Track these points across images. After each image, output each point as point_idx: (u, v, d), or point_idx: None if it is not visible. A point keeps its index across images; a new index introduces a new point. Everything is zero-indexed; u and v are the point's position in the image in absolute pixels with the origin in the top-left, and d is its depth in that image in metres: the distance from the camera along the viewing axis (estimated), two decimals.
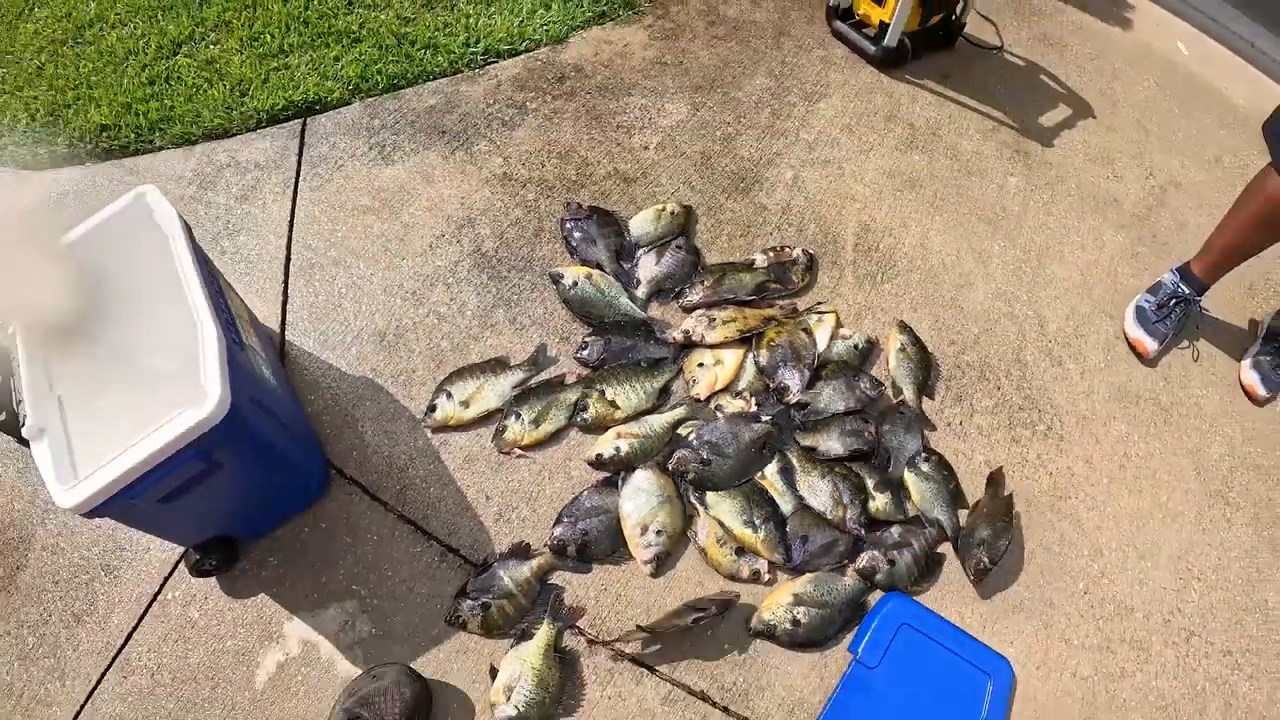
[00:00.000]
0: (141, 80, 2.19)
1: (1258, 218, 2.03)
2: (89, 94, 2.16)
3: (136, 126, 2.13)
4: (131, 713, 1.57)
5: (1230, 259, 2.18)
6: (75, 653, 1.62)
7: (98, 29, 2.29)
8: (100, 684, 1.59)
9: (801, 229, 2.26)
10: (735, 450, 1.84)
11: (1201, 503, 2.08)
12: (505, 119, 2.29)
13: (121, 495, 1.27)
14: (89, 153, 2.11)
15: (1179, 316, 2.25)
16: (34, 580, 1.67)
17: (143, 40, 2.28)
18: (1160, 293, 2.26)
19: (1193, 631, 1.92)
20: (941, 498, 1.91)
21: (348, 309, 1.96)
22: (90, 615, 1.65)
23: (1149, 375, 2.24)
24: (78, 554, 1.70)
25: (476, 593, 1.67)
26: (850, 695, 1.69)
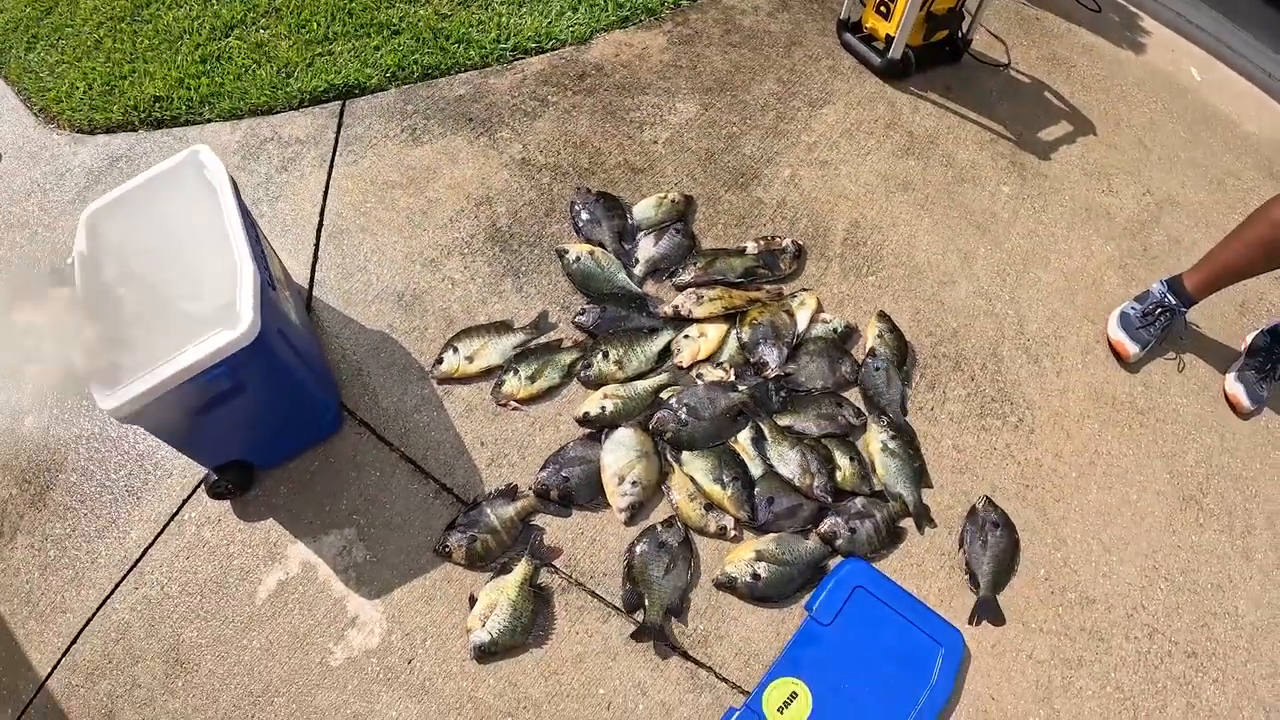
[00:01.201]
0: (194, 58, 2.41)
1: (1262, 241, 2.09)
2: (144, 68, 2.38)
3: (188, 99, 2.34)
4: (138, 621, 1.73)
5: (1226, 278, 2.24)
6: (93, 565, 1.78)
7: (154, 8, 2.51)
8: (113, 593, 1.75)
9: (794, 222, 2.41)
10: (711, 414, 1.99)
11: (1173, 506, 2.14)
12: (528, 110, 2.47)
13: (155, 404, 1.43)
14: (142, 121, 2.31)
15: (1163, 325, 2.31)
16: (62, 499, 1.84)
17: (197, 21, 2.49)
18: (1147, 301, 2.34)
19: (1156, 629, 1.97)
20: (905, 474, 2.03)
21: (371, 271, 2.15)
22: (111, 531, 1.81)
23: (1127, 380, 2.32)
24: (105, 477, 1.87)
25: (464, 527, 1.83)
26: (802, 649, 1.81)
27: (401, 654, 1.74)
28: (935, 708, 1.79)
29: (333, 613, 1.77)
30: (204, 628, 1.73)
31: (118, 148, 2.28)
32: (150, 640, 1.71)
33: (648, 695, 1.75)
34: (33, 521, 1.82)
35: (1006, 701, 1.84)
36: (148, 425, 1.54)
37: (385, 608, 1.78)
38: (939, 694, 1.80)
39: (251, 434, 1.79)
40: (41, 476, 1.86)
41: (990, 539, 1.99)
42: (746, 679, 1.79)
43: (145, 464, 1.90)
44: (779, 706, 1.74)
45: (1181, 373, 2.35)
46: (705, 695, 1.76)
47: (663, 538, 1.86)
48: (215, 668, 1.70)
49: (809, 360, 2.14)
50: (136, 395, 1.41)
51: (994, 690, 1.85)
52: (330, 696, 1.69)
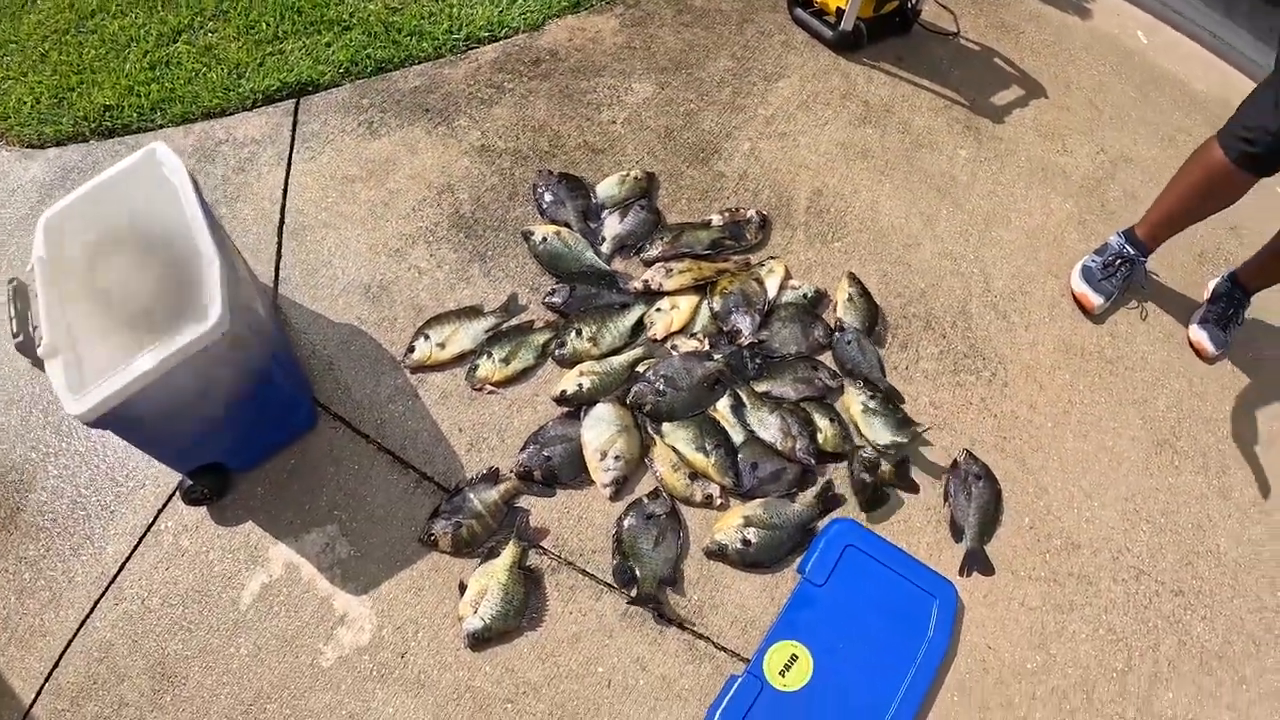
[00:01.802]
0: (143, 65, 2.35)
1: (1197, 186, 2.12)
2: (92, 78, 2.32)
3: (138, 107, 2.28)
4: (121, 638, 1.66)
5: (1172, 224, 2.28)
6: (70, 584, 1.72)
7: (99, 19, 2.45)
8: (93, 612, 1.69)
9: (756, 193, 2.40)
10: (688, 384, 1.97)
11: (1149, 450, 2.18)
12: (484, 98, 2.45)
13: (125, 405, 1.38)
14: (93, 131, 2.26)
15: (1124, 275, 2.35)
16: (33, 519, 1.78)
17: (143, 29, 2.44)
18: (1106, 253, 2.37)
19: (1142, 570, 2.01)
20: (890, 425, 2.03)
21: (335, 265, 2.11)
22: (86, 548, 1.75)
23: (1095, 331, 2.35)
24: (77, 493, 1.81)
25: (448, 514, 1.79)
26: (798, 611, 1.80)
27: (394, 648, 1.70)
28: (935, 660, 1.80)
29: (320, 612, 1.73)
30: (189, 639, 1.68)
31: (70, 160, 2.23)
32: (135, 656, 1.66)
33: (647, 670, 1.73)
34: (4, 545, 1.76)
35: (1003, 649, 1.86)
36: (118, 429, 1.49)
37: (374, 603, 1.74)
38: (937, 646, 1.81)
39: (225, 434, 1.74)
40: (11, 498, 1.80)
41: (974, 491, 2.00)
42: (745, 646, 1.78)
43: (116, 476, 1.84)
44: (780, 670, 1.73)
45: (1145, 321, 2.39)
46: (705, 665, 1.75)
47: (650, 509, 1.84)
48: (204, 679, 1.65)
49: (781, 326, 2.13)
50: (106, 397, 1.37)
51: (990, 639, 1.87)
52: (324, 698, 1.65)
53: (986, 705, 1.79)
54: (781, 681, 1.72)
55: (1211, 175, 2.06)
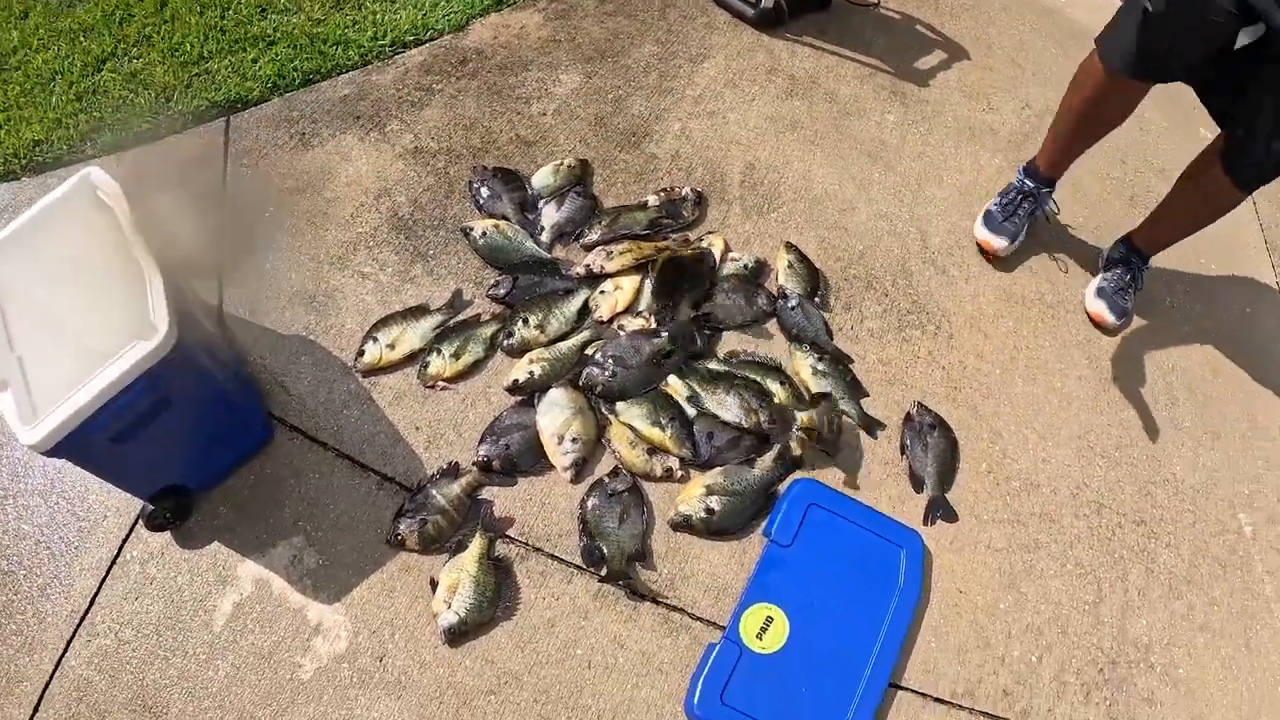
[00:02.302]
0: (69, 96, 2.31)
1: (1085, 102, 2.08)
2: (19, 114, 2.27)
3: (68, 139, 2.23)
4: (98, 675, 1.62)
5: (1068, 148, 2.25)
6: (41, 626, 1.65)
7: (21, 54, 2.40)
8: (67, 651, 1.64)
9: (690, 172, 2.41)
10: (637, 362, 1.97)
11: (1096, 388, 2.22)
12: (414, 100, 2.43)
13: (80, 430, 1.36)
14: (24, 168, 2.20)
15: (1027, 211, 2.34)
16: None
17: (67, 61, 2.38)
18: (1008, 193, 2.37)
19: (1102, 504, 2.05)
20: (842, 388, 2.05)
21: (279, 278, 2.07)
22: (54, 587, 1.70)
23: (1034, 278, 2.39)
24: (39, 534, 1.75)
25: (412, 512, 1.77)
26: (768, 574, 1.81)
27: (371, 653, 1.68)
28: (908, 607, 1.83)
29: (294, 625, 1.70)
30: (166, 667, 1.64)
31: (2, 201, 2.18)
32: (114, 691, 1.62)
33: (625, 647, 1.73)
34: None
35: (975, 592, 1.89)
36: (74, 457, 1.46)
37: (347, 609, 1.72)
38: (909, 594, 1.84)
39: (183, 454, 1.71)
40: None
41: (930, 441, 2.03)
42: (720, 613, 1.79)
43: (77, 511, 1.79)
44: (757, 633, 1.74)
45: (1083, 266, 2.42)
46: (682, 636, 1.76)
47: (612, 488, 1.84)
48: (185, 706, 1.61)
49: (725, 297, 2.14)
50: (60, 424, 1.34)
51: (960, 583, 1.90)
52: (307, 710, 1.62)
53: (964, 647, 1.82)
54: (759, 644, 1.73)
55: (1096, 86, 2.02)
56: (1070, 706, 1.78)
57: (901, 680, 1.76)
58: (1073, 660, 1.83)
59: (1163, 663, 1.87)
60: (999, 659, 1.81)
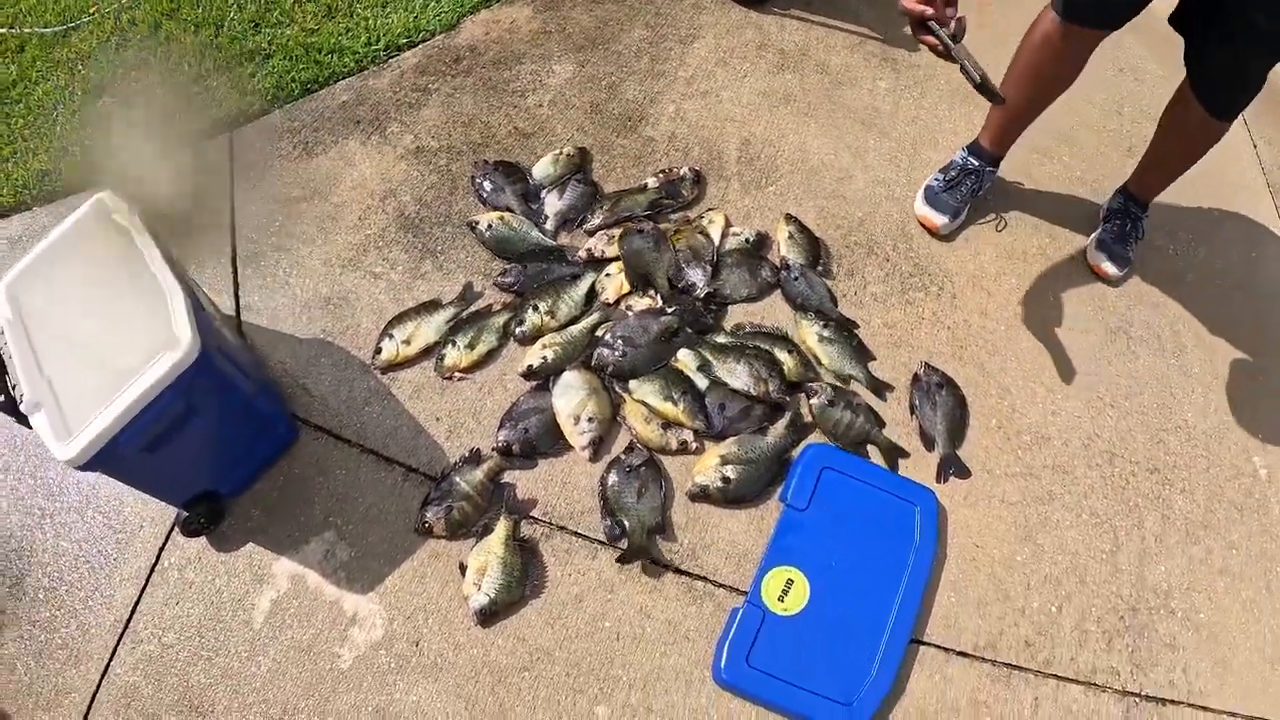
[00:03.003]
0: (74, 124, 2.34)
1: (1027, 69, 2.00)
2: (25, 145, 2.29)
3: (76, 166, 2.27)
4: (144, 680, 1.65)
5: (1013, 121, 2.19)
6: (85, 638, 1.68)
7: (22, 87, 2.42)
8: (113, 660, 1.67)
9: (687, 152, 2.41)
10: (647, 341, 1.98)
11: (1103, 339, 2.20)
12: (412, 102, 2.44)
13: (112, 443, 1.39)
14: (34, 198, 2.23)
15: (970, 189, 2.29)
16: (39, 582, 1.75)
17: (67, 90, 2.41)
18: (950, 170, 2.32)
19: (1115, 453, 2.03)
20: (847, 354, 2.05)
21: (293, 284, 2.10)
22: (96, 599, 1.72)
23: (1035, 234, 2.36)
24: (77, 549, 1.78)
25: (438, 500, 1.80)
26: (787, 537, 1.82)
27: (407, 639, 1.70)
28: (925, 563, 1.83)
29: (331, 617, 1.73)
30: (209, 667, 1.67)
31: (15, 231, 2.20)
32: (160, 695, 1.64)
33: (652, 617, 1.75)
34: (15, 613, 1.73)
35: (991, 546, 1.88)
36: (108, 469, 1.49)
37: (381, 598, 1.74)
38: (925, 550, 1.84)
39: (212, 460, 1.74)
40: (14, 566, 1.77)
41: (938, 399, 2.03)
42: (741, 579, 1.80)
43: (114, 524, 1.82)
44: (779, 596, 1.76)
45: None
46: (706, 604, 1.77)
47: (629, 463, 1.85)
48: (230, 703, 1.64)
49: (729, 272, 2.14)
50: (93, 438, 1.37)
51: (976, 538, 1.89)
52: (349, 698, 1.65)
53: (984, 600, 1.82)
54: (781, 606, 1.75)
55: (1047, 39, 1.94)
56: (1093, 654, 1.78)
57: (923, 636, 1.77)
58: (1093, 609, 1.83)
59: (1183, 608, 1.85)
60: (1019, 610, 1.81)
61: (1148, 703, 1.75)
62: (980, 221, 2.38)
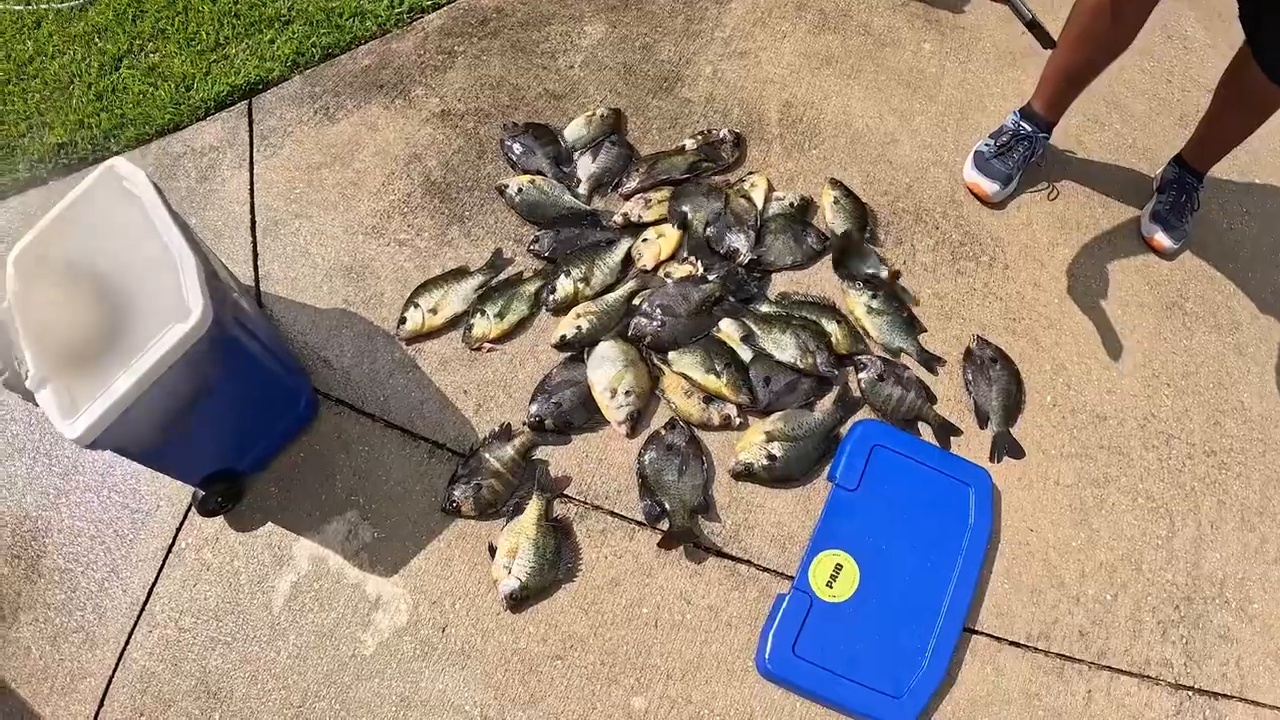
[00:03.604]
0: (90, 97, 2.24)
1: (1084, 34, 1.90)
2: (40, 120, 2.22)
3: (91, 139, 2.17)
4: (160, 664, 1.58)
5: (1068, 85, 2.07)
6: (101, 621, 1.62)
7: (39, 63, 2.33)
8: (129, 644, 1.60)
9: (726, 114, 2.27)
10: (686, 310, 1.85)
11: (1158, 315, 2.06)
12: (437, 64, 2.31)
13: (121, 421, 1.29)
14: (50, 172, 2.16)
15: (1023, 155, 2.15)
16: (55, 563, 1.68)
17: (84, 63, 2.31)
18: (1001, 135, 2.18)
19: (1171, 434, 1.91)
20: (897, 326, 1.92)
21: (314, 253, 1.98)
22: (112, 581, 1.65)
23: (1088, 203, 2.23)
24: (93, 529, 1.70)
25: (466, 478, 1.69)
26: (835, 519, 1.71)
27: (433, 624, 1.61)
28: (979, 548, 1.71)
29: (353, 601, 1.64)
30: (228, 652, 1.59)
31: (32, 204, 2.10)
32: (177, 680, 1.57)
33: (692, 603, 1.65)
34: (31, 595, 1.65)
35: (1046, 530, 1.78)
36: (120, 447, 1.40)
37: (406, 581, 1.65)
38: (979, 533, 1.72)
39: (229, 437, 1.64)
40: (30, 547, 1.69)
41: (992, 374, 1.89)
42: (787, 563, 1.69)
43: (130, 504, 1.73)
44: (827, 581, 1.64)
45: (1120, 199, 2.24)
46: (750, 589, 1.67)
47: (669, 440, 1.73)
48: (249, 690, 1.57)
49: (773, 239, 2.01)
50: (99, 416, 1.27)
51: (1031, 522, 1.79)
52: (372, 686, 1.57)
53: (1038, 588, 1.72)
54: (830, 593, 1.63)
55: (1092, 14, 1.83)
56: (1147, 645, 1.69)
57: (975, 624, 1.67)
58: (1148, 598, 1.73)
59: (1238, 598, 1.76)
60: (1073, 599, 1.71)
61: (1200, 696, 1.67)
62: (1032, 190, 2.24)
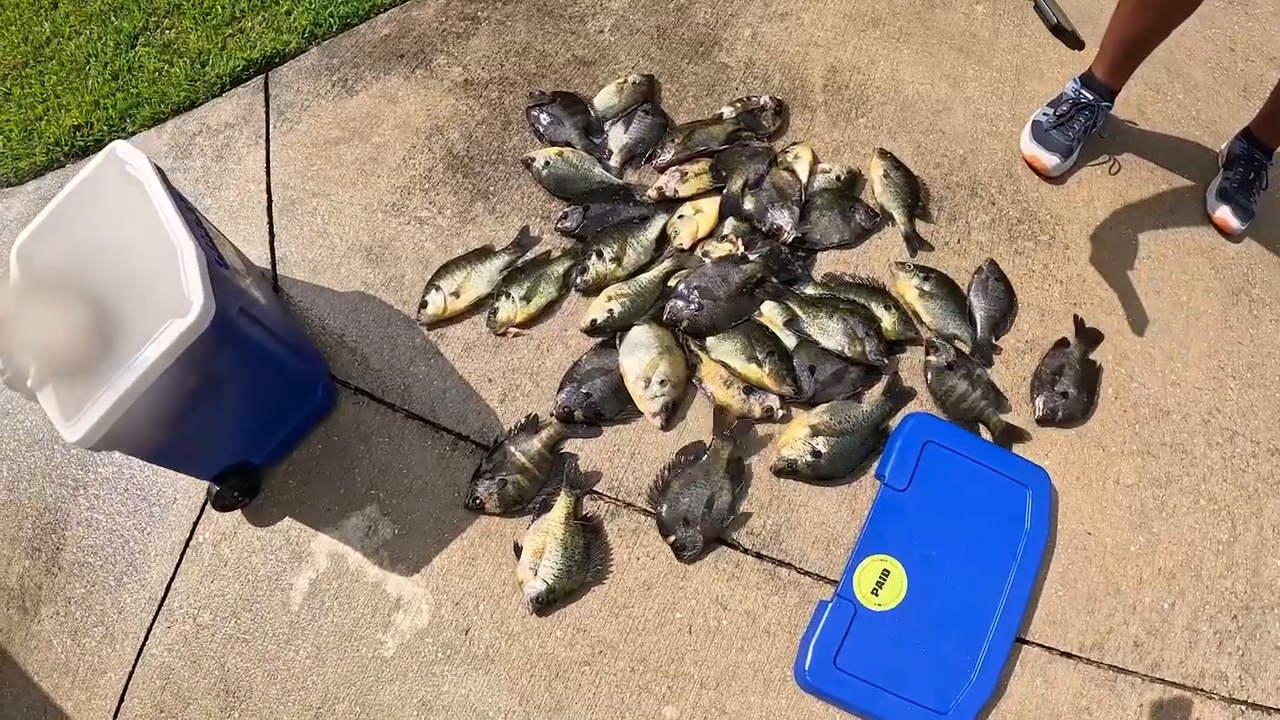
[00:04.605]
0: (106, 77, 2.12)
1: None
2: (57, 102, 2.10)
3: (107, 119, 2.06)
4: (179, 660, 1.51)
5: (1130, 53, 1.87)
6: (120, 615, 1.54)
7: (55, 44, 2.21)
8: (148, 639, 1.53)
9: (767, 80, 2.07)
10: (726, 292, 1.68)
11: (1224, 301, 1.88)
12: (459, 31, 2.13)
13: (125, 420, 1.18)
14: (67, 154, 2.05)
15: (1084, 126, 1.94)
16: (74, 556, 1.60)
17: (100, 43, 2.19)
18: (1061, 104, 1.97)
19: (1236, 431, 1.74)
20: (951, 312, 1.74)
21: (332, 233, 1.84)
22: (130, 576, 1.57)
23: (1151, 178, 2.02)
24: (111, 522, 1.62)
25: (490, 473, 1.56)
26: (883, 521, 1.55)
27: (456, 626, 1.49)
28: (1035, 555, 1.55)
29: (374, 600, 1.52)
30: (246, 650, 1.50)
31: (49, 187, 2.00)
32: (196, 677, 1.49)
33: (729, 608, 1.51)
34: (52, 589, 1.57)
35: (1104, 534, 1.61)
36: (125, 448, 1.30)
37: (427, 581, 1.53)
38: (1036, 539, 1.56)
39: (242, 430, 1.53)
40: (49, 540, 1.61)
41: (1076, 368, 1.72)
42: (831, 567, 1.55)
43: (147, 496, 1.63)
44: (872, 589, 1.49)
45: (1184, 174, 2.02)
46: (790, 594, 1.52)
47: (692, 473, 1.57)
48: (268, 688, 1.47)
49: (819, 215, 1.82)
50: (100, 418, 1.16)
51: (1089, 524, 1.62)
52: (393, 689, 1.46)
53: (1093, 595, 1.57)
54: (875, 601, 1.48)
55: None
56: (1202, 657, 1.55)
57: (1027, 634, 1.53)
58: (1206, 606, 1.59)
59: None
60: (1130, 607, 1.57)
61: (1254, 711, 1.53)
62: (1092, 164, 2.03)
